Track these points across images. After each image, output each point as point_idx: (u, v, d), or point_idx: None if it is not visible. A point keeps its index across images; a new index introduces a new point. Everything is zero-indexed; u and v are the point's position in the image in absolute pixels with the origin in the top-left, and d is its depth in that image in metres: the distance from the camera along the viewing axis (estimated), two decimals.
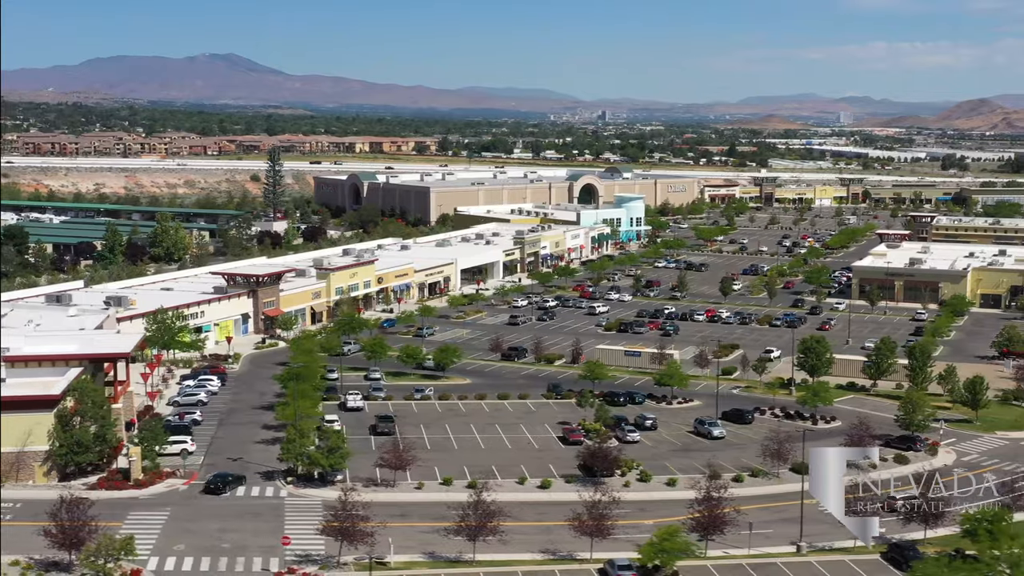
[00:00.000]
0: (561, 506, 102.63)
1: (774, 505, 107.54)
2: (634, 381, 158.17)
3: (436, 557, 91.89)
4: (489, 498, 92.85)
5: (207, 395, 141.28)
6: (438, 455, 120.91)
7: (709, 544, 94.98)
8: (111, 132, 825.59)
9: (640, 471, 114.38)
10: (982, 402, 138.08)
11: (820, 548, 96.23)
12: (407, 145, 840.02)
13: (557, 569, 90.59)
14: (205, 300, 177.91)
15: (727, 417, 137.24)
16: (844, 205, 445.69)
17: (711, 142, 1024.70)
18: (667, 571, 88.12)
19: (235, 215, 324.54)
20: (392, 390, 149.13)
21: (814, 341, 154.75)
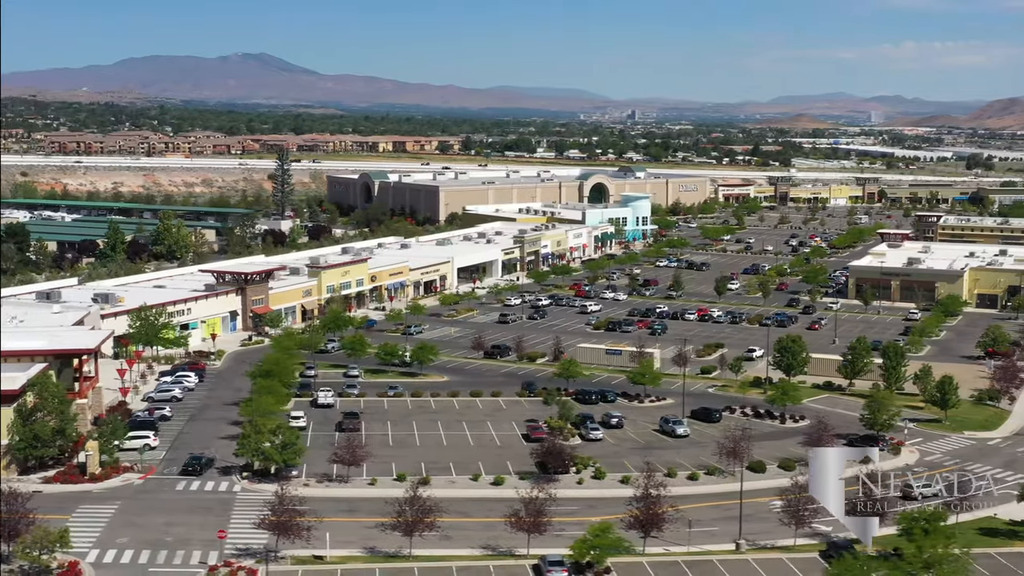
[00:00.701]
0: (511, 503, 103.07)
1: (725, 503, 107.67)
2: (612, 379, 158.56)
3: (376, 552, 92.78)
4: (426, 494, 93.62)
5: (182, 391, 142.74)
6: (399, 451, 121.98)
7: (650, 541, 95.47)
8: (137, 131, 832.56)
9: (595, 468, 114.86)
10: (951, 402, 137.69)
11: (761, 546, 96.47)
12: (430, 145, 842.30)
13: (492, 565, 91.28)
14: (192, 298, 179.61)
15: (695, 416, 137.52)
16: (859, 205, 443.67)
17: (737, 141, 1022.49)
18: (599, 567, 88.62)
19: (244, 214, 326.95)
20: (367, 387, 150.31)
21: (790, 340, 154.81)
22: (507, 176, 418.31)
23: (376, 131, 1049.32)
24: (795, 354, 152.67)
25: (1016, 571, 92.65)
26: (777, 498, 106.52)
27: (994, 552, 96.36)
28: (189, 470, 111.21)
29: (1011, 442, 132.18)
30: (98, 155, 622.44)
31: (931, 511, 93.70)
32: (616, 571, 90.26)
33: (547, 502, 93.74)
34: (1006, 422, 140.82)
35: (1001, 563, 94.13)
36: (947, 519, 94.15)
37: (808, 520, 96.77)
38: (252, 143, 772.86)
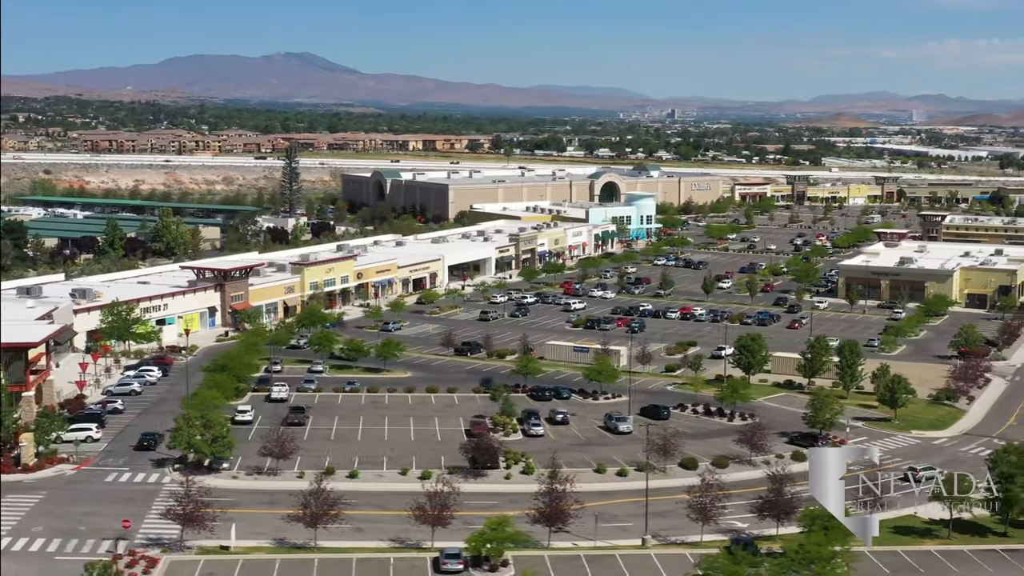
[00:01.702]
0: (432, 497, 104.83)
1: (649, 499, 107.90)
2: (575, 377, 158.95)
3: (284, 543, 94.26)
4: (350, 487, 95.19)
5: (141, 385, 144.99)
6: (338, 445, 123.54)
7: (561, 536, 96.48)
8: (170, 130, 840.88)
9: (526, 464, 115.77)
10: (901, 401, 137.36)
11: (668, 542, 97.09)
12: (460, 143, 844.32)
13: (393, 557, 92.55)
14: (168, 293, 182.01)
15: (644, 413, 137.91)
16: (876, 204, 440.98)
17: (773, 140, 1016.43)
18: (495, 560, 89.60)
19: (253, 211, 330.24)
20: (327, 382, 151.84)
21: (749, 339, 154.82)
22: (522, 175, 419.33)
23: (411, 130, 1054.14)
24: (754, 353, 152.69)
25: (917, 569, 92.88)
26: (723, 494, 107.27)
27: (900, 550, 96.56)
28: (144, 445, 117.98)
29: (956, 442, 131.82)
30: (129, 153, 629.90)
31: None
32: (516, 565, 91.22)
33: (452, 496, 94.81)
34: (958, 422, 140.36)
35: (905, 561, 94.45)
36: None
37: (715, 517, 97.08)
38: (282, 142, 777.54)
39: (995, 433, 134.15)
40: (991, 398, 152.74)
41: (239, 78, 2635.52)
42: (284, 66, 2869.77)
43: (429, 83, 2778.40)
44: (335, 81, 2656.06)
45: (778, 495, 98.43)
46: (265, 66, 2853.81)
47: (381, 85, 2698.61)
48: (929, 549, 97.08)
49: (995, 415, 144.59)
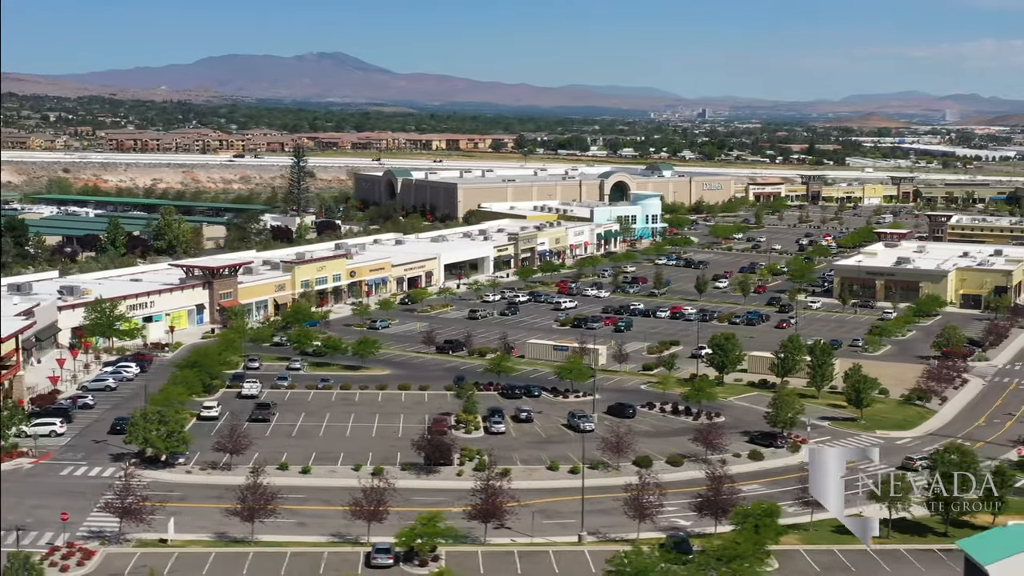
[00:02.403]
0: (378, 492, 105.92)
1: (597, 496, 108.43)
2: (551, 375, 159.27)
3: (224, 537, 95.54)
4: (265, 481, 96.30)
5: (117, 381, 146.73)
6: (299, 441, 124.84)
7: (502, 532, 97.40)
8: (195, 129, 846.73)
9: (479, 461, 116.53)
10: (867, 401, 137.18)
11: (605, 539, 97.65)
12: (484, 143, 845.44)
13: (328, 551, 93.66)
14: (155, 291, 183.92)
15: (610, 411, 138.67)
16: (890, 204, 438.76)
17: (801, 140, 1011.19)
18: (424, 555, 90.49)
19: (259, 210, 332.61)
20: (302, 379, 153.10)
21: (723, 339, 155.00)
22: (534, 174, 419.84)
23: (438, 129, 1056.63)
24: (728, 352, 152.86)
25: (850, 568, 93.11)
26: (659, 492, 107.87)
27: (837, 549, 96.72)
28: (117, 429, 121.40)
29: (919, 442, 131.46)
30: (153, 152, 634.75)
31: (765, 506, 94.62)
32: (447, 560, 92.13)
33: (388, 491, 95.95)
34: (926, 423, 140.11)
35: (839, 560, 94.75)
36: (780, 515, 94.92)
37: (652, 515, 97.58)
38: (307, 141, 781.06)
39: (960, 434, 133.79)
40: (965, 399, 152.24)
41: (272, 78, 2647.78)
42: (317, 66, 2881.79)
43: (460, 83, 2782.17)
44: (367, 81, 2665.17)
45: (716, 494, 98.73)
46: (298, 66, 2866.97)
47: (412, 85, 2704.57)
48: (866, 548, 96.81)
49: (966, 416, 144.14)
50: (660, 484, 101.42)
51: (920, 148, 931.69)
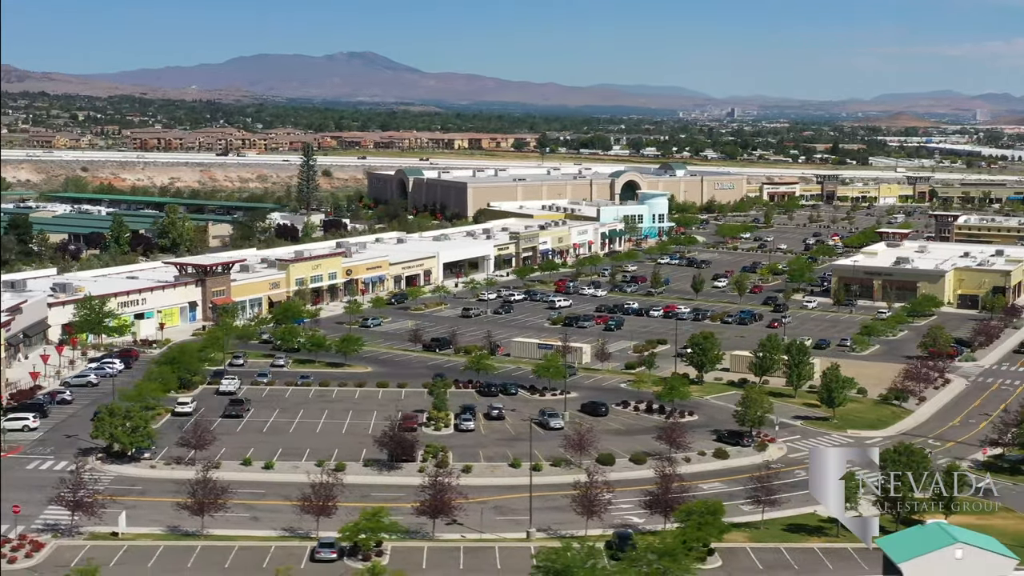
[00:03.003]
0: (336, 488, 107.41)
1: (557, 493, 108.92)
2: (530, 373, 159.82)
3: (176, 531, 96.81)
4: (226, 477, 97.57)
5: (99, 377, 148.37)
6: (268, 437, 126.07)
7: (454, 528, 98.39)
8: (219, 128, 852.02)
9: (440, 458, 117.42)
10: (839, 400, 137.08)
11: (555, 535, 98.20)
12: (506, 142, 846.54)
13: (275, 545, 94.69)
14: (147, 288, 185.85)
15: (584, 409, 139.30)
16: (907, 204, 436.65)
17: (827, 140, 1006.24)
18: (366, 550, 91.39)
19: (268, 208, 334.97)
20: (283, 376, 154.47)
21: (702, 337, 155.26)
22: (548, 173, 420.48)
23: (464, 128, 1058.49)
24: (706, 351, 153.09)
25: (792, 565, 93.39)
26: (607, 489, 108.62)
27: (784, 547, 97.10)
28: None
29: (889, 442, 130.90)
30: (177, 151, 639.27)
31: (709, 504, 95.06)
32: (392, 554, 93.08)
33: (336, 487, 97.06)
34: (900, 422, 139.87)
35: (783, 558, 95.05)
36: (723, 513, 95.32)
37: (600, 511, 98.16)
38: (330, 140, 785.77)
39: (932, 434, 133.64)
40: (944, 399, 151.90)
41: (302, 77, 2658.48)
42: (346, 65, 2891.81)
43: (489, 82, 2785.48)
44: (396, 80, 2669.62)
45: (665, 492, 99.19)
46: (328, 65, 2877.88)
47: (441, 84, 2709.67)
48: (813, 547, 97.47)
49: (942, 416, 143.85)
50: (609, 482, 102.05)
51: (946, 148, 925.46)
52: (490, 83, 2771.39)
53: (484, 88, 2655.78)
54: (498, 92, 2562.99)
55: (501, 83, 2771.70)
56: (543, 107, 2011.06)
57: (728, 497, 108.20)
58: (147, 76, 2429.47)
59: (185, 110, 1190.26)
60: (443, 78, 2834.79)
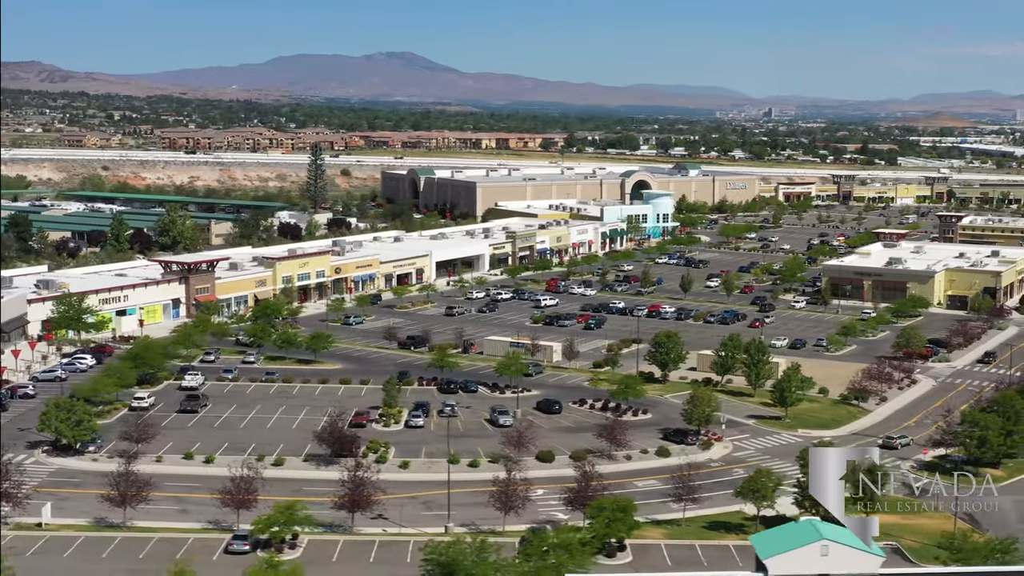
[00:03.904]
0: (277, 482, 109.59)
1: (487, 489, 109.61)
2: None
3: (103, 522, 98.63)
4: (153, 470, 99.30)
5: (67, 372, 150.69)
6: (217, 432, 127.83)
7: (379, 523, 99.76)
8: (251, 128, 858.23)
9: (380, 454, 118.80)
10: (791, 400, 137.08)
11: (476, 530, 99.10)
12: (533, 142, 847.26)
13: (193, 537, 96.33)
14: (129, 285, 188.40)
15: (538, 407, 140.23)
16: (923, 204, 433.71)
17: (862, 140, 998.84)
18: (276, 542, 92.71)
19: (280, 207, 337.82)
20: (249, 372, 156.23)
21: (665, 336, 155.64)
22: (561, 173, 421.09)
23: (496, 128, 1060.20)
24: (669, 350, 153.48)
25: (702, 562, 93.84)
26: (540, 487, 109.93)
27: (698, 544, 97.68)
28: None
29: (838, 441, 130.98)
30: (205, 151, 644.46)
31: (620, 501, 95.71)
32: (307, 547, 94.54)
33: (256, 481, 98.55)
34: (855, 422, 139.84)
35: (695, 555, 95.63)
36: (635, 510, 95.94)
37: (517, 507, 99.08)
38: (357, 140, 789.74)
39: (883, 434, 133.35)
40: (907, 399, 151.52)
41: (341, 77, 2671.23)
42: (385, 65, 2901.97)
43: (528, 82, 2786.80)
44: (434, 80, 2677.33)
45: (584, 488, 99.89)
46: (367, 65, 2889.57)
47: (479, 84, 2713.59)
48: (728, 544, 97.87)
49: (900, 416, 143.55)
50: (528, 479, 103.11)
51: (979, 148, 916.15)
52: (528, 83, 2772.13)
53: (522, 88, 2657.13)
54: (536, 92, 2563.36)
55: (539, 83, 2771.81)
56: (581, 107, 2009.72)
57: (662, 495, 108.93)
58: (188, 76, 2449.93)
59: (221, 110, 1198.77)
60: (481, 78, 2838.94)
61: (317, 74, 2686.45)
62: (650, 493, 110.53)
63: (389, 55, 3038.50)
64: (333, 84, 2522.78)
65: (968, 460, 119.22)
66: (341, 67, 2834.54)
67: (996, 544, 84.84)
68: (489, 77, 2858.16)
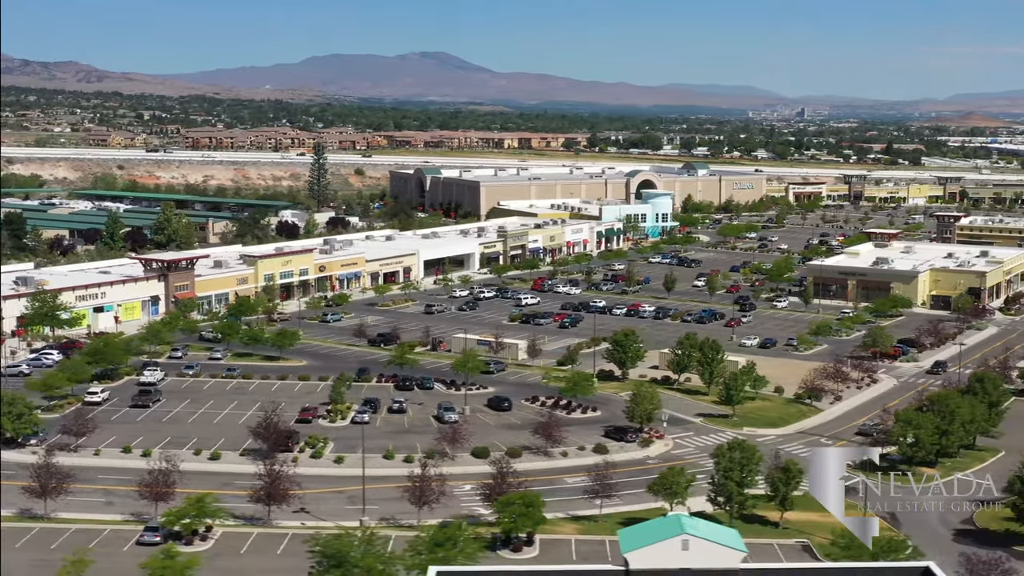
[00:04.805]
0: (207, 475, 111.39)
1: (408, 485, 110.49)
2: None
3: (27, 513, 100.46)
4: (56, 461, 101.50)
5: (31, 368, 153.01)
6: (163, 426, 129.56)
7: (300, 515, 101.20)
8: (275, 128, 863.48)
9: (315, 449, 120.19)
10: (737, 398, 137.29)
11: (393, 524, 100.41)
12: (556, 141, 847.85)
13: (109, 528, 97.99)
14: (107, 282, 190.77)
15: (489, 404, 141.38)
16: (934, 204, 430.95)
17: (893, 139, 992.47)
18: (187, 534, 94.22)
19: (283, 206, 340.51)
20: (212, 368, 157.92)
21: (623, 335, 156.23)
22: (570, 172, 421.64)
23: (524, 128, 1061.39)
24: (626, 348, 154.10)
25: (607, 556, 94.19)
26: (469, 482, 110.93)
27: (608, 540, 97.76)
28: None
29: (780, 440, 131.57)
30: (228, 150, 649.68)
31: (529, 497, 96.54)
32: (220, 539, 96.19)
33: (174, 474, 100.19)
34: (803, 421, 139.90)
35: (602, 550, 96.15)
36: (544, 506, 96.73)
37: (431, 502, 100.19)
38: (380, 139, 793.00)
39: (829, 432, 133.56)
40: (863, 398, 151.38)
41: (375, 77, 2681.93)
42: (419, 65, 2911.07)
43: (560, 82, 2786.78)
44: (467, 80, 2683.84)
45: (499, 484, 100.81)
46: (400, 65, 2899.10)
47: (512, 84, 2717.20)
48: None
49: (851, 415, 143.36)
50: (443, 475, 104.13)
51: (1008, 148, 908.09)
52: (561, 83, 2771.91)
53: (555, 88, 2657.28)
54: (569, 92, 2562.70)
55: (572, 83, 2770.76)
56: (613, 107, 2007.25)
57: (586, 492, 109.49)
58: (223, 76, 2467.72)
59: (251, 109, 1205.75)
60: (514, 78, 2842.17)
61: (351, 74, 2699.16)
62: (576, 490, 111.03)
63: (423, 55, 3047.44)
64: (366, 84, 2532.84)
65: (905, 459, 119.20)
66: (375, 67, 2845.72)
67: (884, 543, 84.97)
68: (522, 77, 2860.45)
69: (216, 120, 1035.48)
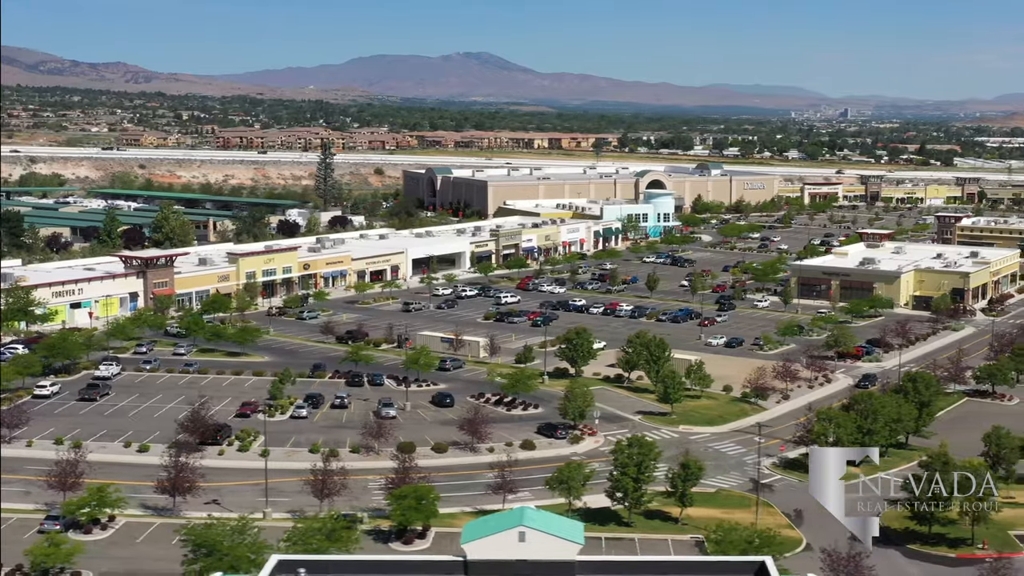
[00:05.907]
0: (131, 466, 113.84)
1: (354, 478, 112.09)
2: None
3: None
4: None
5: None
6: (104, 419, 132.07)
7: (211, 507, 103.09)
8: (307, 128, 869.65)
9: (243, 443, 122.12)
10: (674, 397, 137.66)
11: (297, 516, 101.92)
12: (587, 141, 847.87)
13: (15, 517, 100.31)
14: (84, 279, 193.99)
15: (433, 400, 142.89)
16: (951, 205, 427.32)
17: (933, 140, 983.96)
18: (87, 523, 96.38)
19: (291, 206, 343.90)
20: (171, 363, 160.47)
21: (575, 333, 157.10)
22: (584, 172, 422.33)
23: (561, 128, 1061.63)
24: (578, 346, 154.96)
25: None
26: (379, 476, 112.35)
27: None
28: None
29: (713, 438, 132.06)
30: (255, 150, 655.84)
31: (421, 490, 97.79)
32: (120, 528, 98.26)
33: (81, 464, 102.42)
34: (742, 419, 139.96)
35: None
36: (436, 499, 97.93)
37: (331, 495, 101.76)
38: (409, 139, 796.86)
39: (768, 431, 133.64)
40: (811, 398, 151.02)
41: (418, 77, 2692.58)
42: (462, 65, 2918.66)
43: (603, 82, 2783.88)
44: (510, 80, 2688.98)
45: (400, 479, 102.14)
46: (444, 65, 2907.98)
47: (555, 84, 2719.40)
48: None
49: (795, 414, 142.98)
50: (345, 469, 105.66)
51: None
52: (603, 83, 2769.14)
53: (597, 88, 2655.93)
54: (611, 92, 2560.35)
55: (615, 83, 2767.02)
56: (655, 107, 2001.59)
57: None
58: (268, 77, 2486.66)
59: (292, 110, 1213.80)
60: (557, 78, 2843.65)
61: (394, 74, 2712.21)
62: (490, 485, 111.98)
63: (466, 55, 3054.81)
64: (410, 84, 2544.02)
65: None
66: (418, 67, 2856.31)
67: (754, 535, 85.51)
68: (565, 77, 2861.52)
69: (254, 120, 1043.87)
